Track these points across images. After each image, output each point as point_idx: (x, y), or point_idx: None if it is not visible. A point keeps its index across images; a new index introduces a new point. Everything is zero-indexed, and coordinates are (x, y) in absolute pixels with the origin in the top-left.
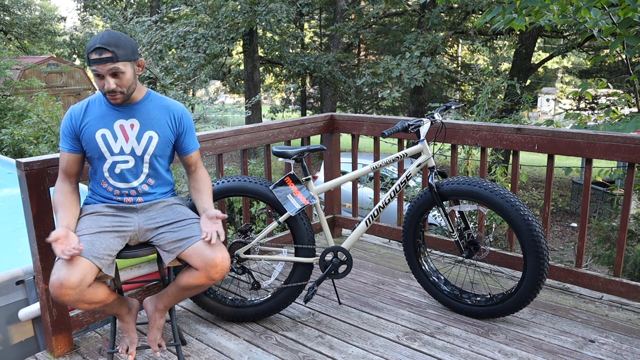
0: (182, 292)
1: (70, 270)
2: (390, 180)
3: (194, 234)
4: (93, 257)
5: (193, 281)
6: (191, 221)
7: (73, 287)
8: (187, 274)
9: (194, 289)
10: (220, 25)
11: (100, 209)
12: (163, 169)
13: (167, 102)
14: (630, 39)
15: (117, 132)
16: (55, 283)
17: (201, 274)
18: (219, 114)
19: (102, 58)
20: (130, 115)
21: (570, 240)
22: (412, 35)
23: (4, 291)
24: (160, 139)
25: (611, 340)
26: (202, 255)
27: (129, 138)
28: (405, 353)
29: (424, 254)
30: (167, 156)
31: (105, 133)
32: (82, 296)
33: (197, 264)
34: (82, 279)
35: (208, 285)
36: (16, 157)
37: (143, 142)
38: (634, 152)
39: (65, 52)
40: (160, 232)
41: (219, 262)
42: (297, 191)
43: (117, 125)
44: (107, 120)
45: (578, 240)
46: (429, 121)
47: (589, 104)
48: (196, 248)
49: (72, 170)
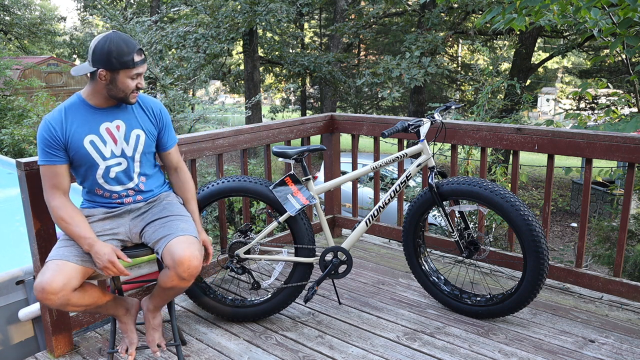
0: (165, 292)
1: (53, 274)
2: (390, 180)
3: (169, 233)
4: (81, 261)
5: (167, 280)
6: (173, 218)
7: (55, 292)
8: (162, 273)
9: (171, 290)
10: (220, 25)
11: (95, 213)
12: (151, 164)
13: (146, 100)
14: (630, 39)
15: (104, 136)
16: (38, 287)
17: (171, 272)
18: (219, 114)
19: (143, 59)
20: (114, 117)
21: (570, 240)
22: (412, 35)
23: (4, 291)
24: (147, 136)
25: (611, 340)
26: (171, 253)
27: (117, 140)
28: (405, 353)
29: (424, 254)
30: (153, 152)
31: (93, 139)
32: (68, 300)
33: (167, 263)
34: (66, 283)
35: (182, 285)
36: (16, 157)
37: (132, 141)
38: (634, 152)
39: (65, 52)
40: (145, 232)
41: (185, 260)
42: (297, 191)
43: (103, 128)
44: (92, 124)
45: (578, 240)
46: (429, 121)
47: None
48: (169, 247)
49: (65, 184)
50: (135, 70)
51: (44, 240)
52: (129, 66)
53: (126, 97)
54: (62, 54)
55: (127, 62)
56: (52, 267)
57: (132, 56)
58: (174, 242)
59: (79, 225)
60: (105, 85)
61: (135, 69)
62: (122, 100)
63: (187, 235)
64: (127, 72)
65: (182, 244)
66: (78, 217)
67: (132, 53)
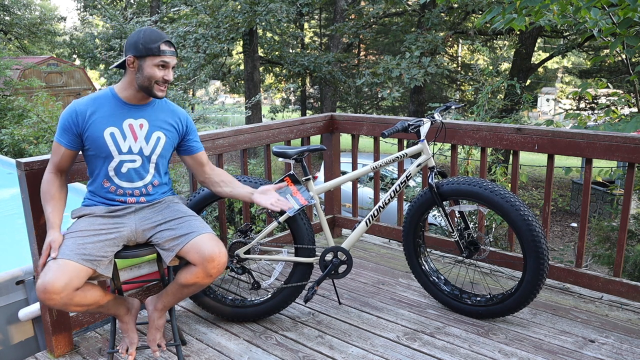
0: (182, 290)
1: (56, 274)
2: (390, 180)
3: (191, 230)
4: (83, 260)
5: (191, 277)
6: (189, 218)
7: (57, 292)
8: (186, 270)
9: (192, 287)
10: (220, 25)
11: (97, 210)
12: (165, 173)
13: (173, 106)
14: (630, 39)
15: (126, 131)
16: (40, 287)
17: (199, 269)
18: (219, 114)
19: (173, 51)
20: (140, 115)
21: (570, 240)
22: (412, 35)
23: (4, 291)
24: (167, 140)
25: (611, 340)
26: (199, 250)
27: (137, 138)
28: (405, 353)
29: (424, 254)
30: (168, 158)
31: (114, 132)
32: (70, 300)
33: (194, 260)
34: (68, 283)
35: (206, 281)
36: (16, 157)
37: (151, 142)
38: (634, 152)
39: (65, 52)
40: (158, 231)
41: (216, 257)
42: (296, 191)
43: (126, 124)
44: (116, 118)
45: (578, 240)
46: (429, 121)
47: (589, 104)
48: (194, 244)
49: (65, 166)
50: (161, 58)
51: (43, 241)
52: (155, 53)
53: (151, 87)
54: (62, 54)
55: (153, 48)
56: (54, 267)
57: (158, 44)
58: (201, 239)
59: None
60: (134, 73)
61: (160, 57)
62: (148, 92)
63: (212, 234)
64: (153, 59)
65: (211, 241)
66: (56, 198)
67: (159, 41)
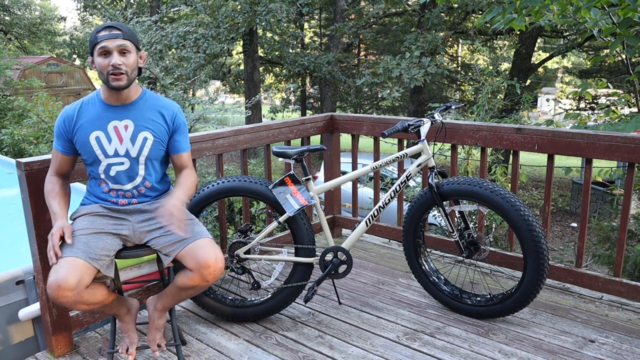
0: (180, 293)
1: (68, 271)
2: (390, 180)
3: (187, 236)
4: (90, 259)
5: (188, 282)
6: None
7: (71, 289)
8: (183, 274)
9: (190, 290)
10: (220, 25)
11: (96, 209)
12: (159, 175)
13: (162, 102)
14: (630, 39)
15: (110, 134)
16: (53, 285)
17: (195, 275)
18: (219, 114)
19: (112, 34)
20: (124, 116)
21: (570, 240)
22: (412, 35)
23: (4, 291)
24: (155, 140)
25: (611, 340)
26: (195, 256)
27: (123, 139)
28: (405, 353)
29: (424, 254)
30: (162, 159)
31: (99, 135)
32: (80, 297)
33: (190, 266)
34: (80, 280)
35: (203, 286)
36: (16, 157)
37: (138, 143)
38: (634, 152)
39: (65, 52)
40: (154, 237)
41: (212, 263)
42: (296, 191)
43: (111, 126)
44: (101, 121)
45: (578, 240)
46: (429, 121)
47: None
48: (189, 250)
49: (65, 170)
50: (99, 45)
51: (44, 240)
52: (94, 43)
53: (107, 79)
54: (62, 54)
55: (93, 40)
56: (65, 265)
57: (96, 33)
58: (197, 244)
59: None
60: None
61: (99, 44)
62: (108, 85)
63: (208, 238)
64: (95, 50)
65: (207, 247)
66: (60, 194)
67: (97, 30)
